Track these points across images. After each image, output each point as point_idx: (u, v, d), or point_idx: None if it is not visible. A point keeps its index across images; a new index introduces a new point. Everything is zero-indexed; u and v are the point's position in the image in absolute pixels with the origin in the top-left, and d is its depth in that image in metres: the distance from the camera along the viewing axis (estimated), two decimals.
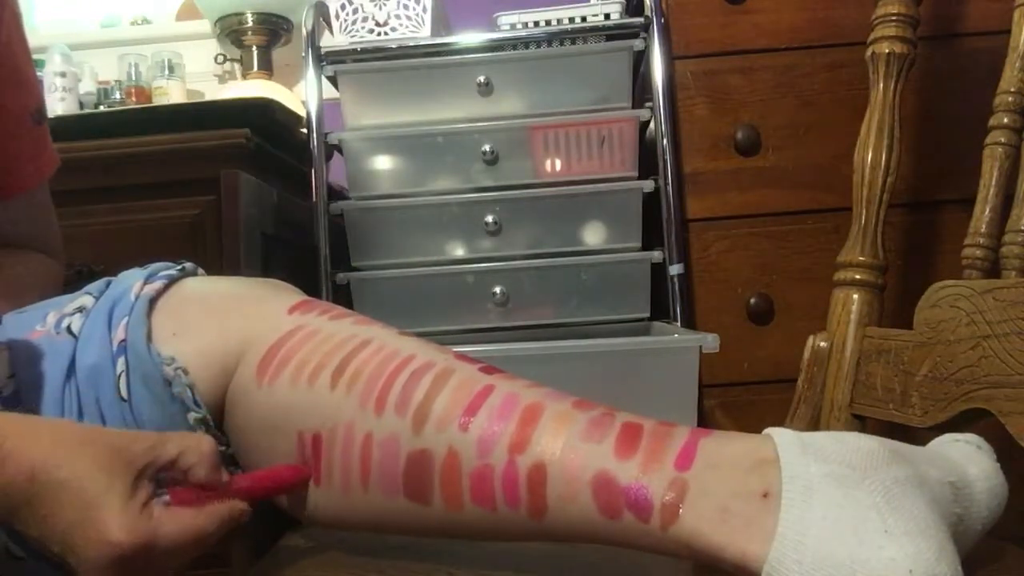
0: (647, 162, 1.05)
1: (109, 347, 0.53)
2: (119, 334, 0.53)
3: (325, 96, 1.07)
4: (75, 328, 0.54)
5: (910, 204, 1.01)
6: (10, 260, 0.69)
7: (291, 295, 0.58)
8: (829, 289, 0.78)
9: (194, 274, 0.60)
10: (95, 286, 0.57)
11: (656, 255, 1.02)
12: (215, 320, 0.55)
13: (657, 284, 1.02)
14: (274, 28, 1.50)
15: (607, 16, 1.07)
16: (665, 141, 1.01)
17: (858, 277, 0.76)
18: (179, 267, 0.59)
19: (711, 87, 1.04)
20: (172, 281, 0.57)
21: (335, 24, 1.11)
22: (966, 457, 0.46)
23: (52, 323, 0.55)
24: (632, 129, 1.03)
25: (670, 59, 1.03)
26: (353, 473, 0.48)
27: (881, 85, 0.76)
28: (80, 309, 0.55)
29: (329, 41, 1.13)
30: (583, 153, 1.04)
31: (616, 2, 1.07)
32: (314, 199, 1.05)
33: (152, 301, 0.55)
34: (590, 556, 0.52)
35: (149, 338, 0.53)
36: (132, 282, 0.56)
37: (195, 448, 0.45)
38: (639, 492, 0.42)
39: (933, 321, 0.64)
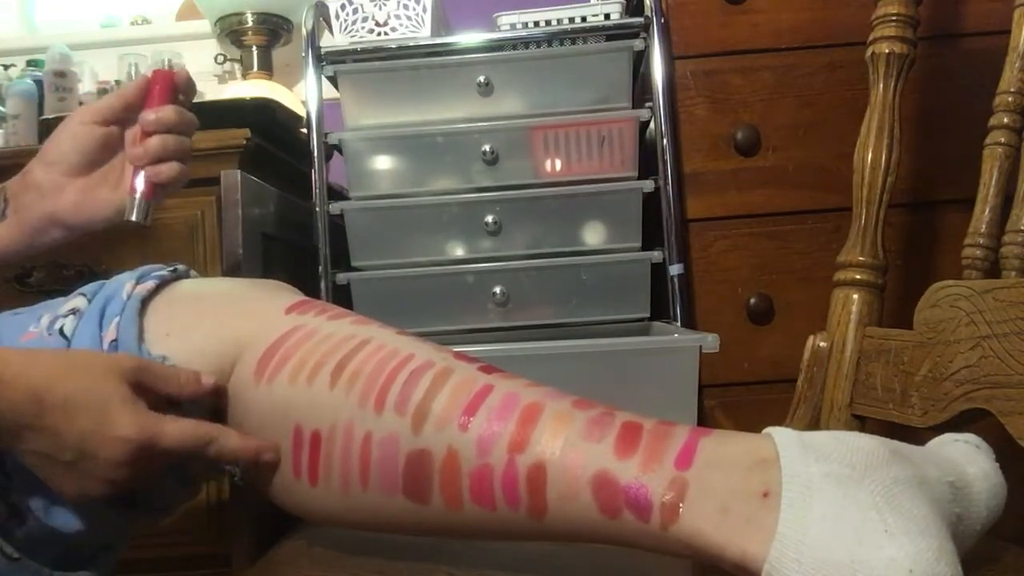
0: (647, 162, 1.05)
1: (100, 347, 0.53)
2: (110, 333, 0.53)
3: (325, 96, 1.07)
4: (67, 330, 0.54)
5: (910, 204, 1.01)
6: None
7: (288, 295, 0.58)
8: (829, 289, 0.78)
9: (186, 276, 0.60)
10: (89, 288, 0.57)
11: (656, 255, 1.02)
12: (210, 320, 0.54)
13: (657, 284, 1.02)
14: (274, 28, 1.50)
15: (607, 16, 1.07)
16: (665, 141, 1.01)
17: (858, 277, 0.76)
18: (170, 268, 0.59)
19: (711, 87, 1.04)
20: (164, 282, 0.57)
21: (335, 24, 1.11)
22: (965, 457, 0.46)
23: (45, 325, 0.55)
24: (632, 129, 1.03)
25: (670, 59, 1.03)
26: (352, 472, 0.48)
27: (881, 85, 0.76)
28: (73, 311, 0.55)
29: (329, 41, 1.13)
30: (583, 153, 1.04)
31: (616, 2, 1.07)
32: (314, 199, 1.05)
33: (144, 301, 0.54)
34: (590, 556, 0.52)
35: (141, 338, 0.53)
36: (123, 283, 0.56)
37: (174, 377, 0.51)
38: (639, 491, 0.42)
39: (933, 321, 0.64)
